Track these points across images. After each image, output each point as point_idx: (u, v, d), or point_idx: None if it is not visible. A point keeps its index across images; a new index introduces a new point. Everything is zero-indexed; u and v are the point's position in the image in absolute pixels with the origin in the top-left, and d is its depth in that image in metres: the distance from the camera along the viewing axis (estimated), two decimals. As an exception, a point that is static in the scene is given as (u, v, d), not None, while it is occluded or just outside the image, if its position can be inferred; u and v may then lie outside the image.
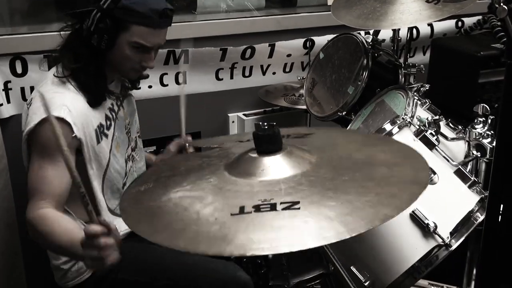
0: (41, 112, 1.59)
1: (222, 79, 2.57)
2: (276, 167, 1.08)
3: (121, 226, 1.83)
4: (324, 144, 1.24)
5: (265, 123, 1.17)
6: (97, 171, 1.72)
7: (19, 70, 2.14)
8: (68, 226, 1.55)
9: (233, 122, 2.66)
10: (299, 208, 0.96)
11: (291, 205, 0.97)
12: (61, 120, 1.58)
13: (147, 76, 1.86)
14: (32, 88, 2.17)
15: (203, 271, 1.78)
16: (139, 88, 2.05)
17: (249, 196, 1.02)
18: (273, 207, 0.97)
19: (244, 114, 2.65)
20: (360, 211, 0.94)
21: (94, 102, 1.72)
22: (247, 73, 2.62)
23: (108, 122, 1.77)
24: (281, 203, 0.98)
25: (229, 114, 2.66)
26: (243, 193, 1.03)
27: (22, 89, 2.17)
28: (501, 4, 0.95)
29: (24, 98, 2.17)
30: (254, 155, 1.14)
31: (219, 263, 1.83)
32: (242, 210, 0.97)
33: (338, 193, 0.99)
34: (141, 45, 1.69)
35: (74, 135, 1.61)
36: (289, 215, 0.95)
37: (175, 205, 1.05)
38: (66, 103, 1.63)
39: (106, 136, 1.75)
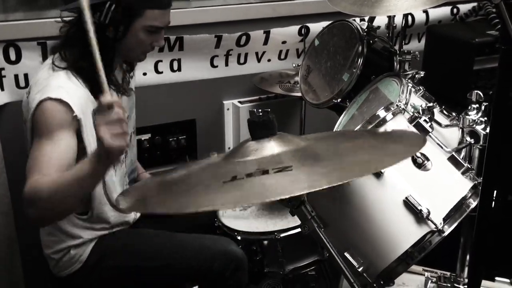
0: (38, 97, 1.59)
1: (217, 66, 2.57)
2: (270, 147, 1.12)
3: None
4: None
5: (260, 110, 1.18)
6: None
7: (12, 57, 2.13)
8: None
9: (228, 109, 2.66)
10: (291, 169, 1.01)
11: (283, 169, 1.02)
12: (59, 101, 1.58)
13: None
14: (26, 76, 2.16)
15: (192, 249, 1.79)
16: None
17: (242, 169, 1.06)
18: (265, 172, 1.02)
19: (239, 102, 2.65)
20: (352, 166, 1.02)
21: (97, 92, 1.71)
22: (242, 60, 2.61)
23: None
24: (273, 169, 1.02)
25: (224, 102, 2.66)
26: (237, 167, 1.08)
27: (16, 77, 2.16)
28: (496, -10, 0.95)
29: (18, 85, 2.16)
30: (249, 142, 1.16)
31: (208, 239, 1.84)
32: (234, 178, 1.01)
33: (331, 158, 1.07)
34: (155, 27, 1.71)
35: (74, 114, 1.59)
36: (281, 175, 1.00)
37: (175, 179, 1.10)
38: (63, 85, 1.62)
39: None
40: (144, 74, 2.41)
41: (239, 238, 1.83)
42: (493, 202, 1.19)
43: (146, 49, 1.77)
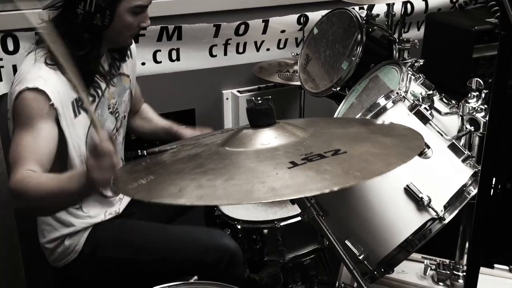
0: (17, 88, 1.59)
1: (215, 56, 2.56)
2: (280, 137, 1.12)
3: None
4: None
5: (259, 98, 1.18)
6: (75, 147, 1.69)
7: (10, 47, 2.12)
8: (57, 174, 1.50)
9: (227, 99, 2.66)
10: (345, 152, 1.02)
11: (335, 152, 1.04)
12: (36, 90, 1.57)
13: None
14: (24, 66, 2.15)
15: (185, 242, 1.79)
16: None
17: (284, 156, 1.04)
18: (321, 156, 1.01)
19: (238, 91, 2.64)
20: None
21: (86, 82, 1.71)
22: (241, 50, 2.60)
23: (91, 99, 1.75)
24: (324, 152, 1.03)
25: (223, 91, 2.65)
26: (274, 156, 1.05)
27: (14, 67, 2.15)
28: (496, -25, 0.94)
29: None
30: (249, 130, 1.15)
31: (202, 231, 1.84)
32: (295, 164, 0.99)
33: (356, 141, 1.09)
34: (140, 7, 1.70)
35: (51, 103, 1.59)
36: (342, 158, 1.01)
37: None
38: (41, 74, 1.61)
39: (86, 111, 1.72)
40: (143, 64, 2.40)
41: (239, 227, 1.84)
42: (492, 190, 1.19)
43: (134, 31, 1.76)
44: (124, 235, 1.83)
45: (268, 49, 2.66)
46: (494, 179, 1.16)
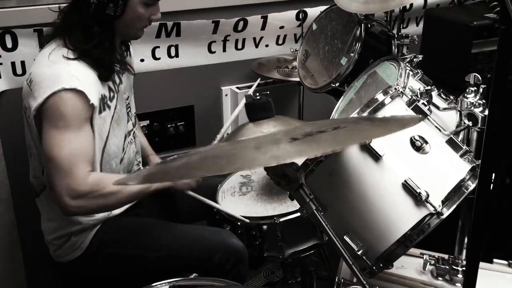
0: (50, 86, 1.59)
1: (214, 52, 2.56)
2: (279, 125, 1.14)
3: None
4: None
5: (257, 93, 1.18)
6: (98, 143, 1.72)
7: (9, 44, 2.11)
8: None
9: (226, 95, 2.66)
10: (345, 126, 1.03)
11: (335, 128, 1.04)
12: (74, 90, 1.59)
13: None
14: (23, 63, 2.15)
15: (193, 240, 1.80)
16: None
17: (284, 138, 1.04)
18: (322, 132, 1.02)
19: (237, 87, 2.64)
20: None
21: (106, 76, 1.73)
22: (239, 46, 2.60)
23: (112, 94, 1.77)
24: (325, 129, 1.03)
25: (222, 88, 2.65)
26: (274, 139, 1.05)
27: (13, 64, 2.15)
28: (494, -31, 0.94)
29: (15, 73, 2.15)
30: (249, 125, 1.16)
31: (210, 230, 1.85)
32: (295, 139, 1.00)
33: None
34: None
35: (90, 102, 1.62)
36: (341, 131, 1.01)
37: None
38: (74, 73, 1.63)
39: (109, 107, 1.74)
40: (142, 60, 2.40)
41: (238, 223, 1.84)
42: (491, 185, 1.19)
43: (145, 23, 1.78)
44: (131, 232, 1.83)
45: (267, 45, 2.66)
46: (493, 174, 1.16)
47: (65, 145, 1.59)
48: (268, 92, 1.17)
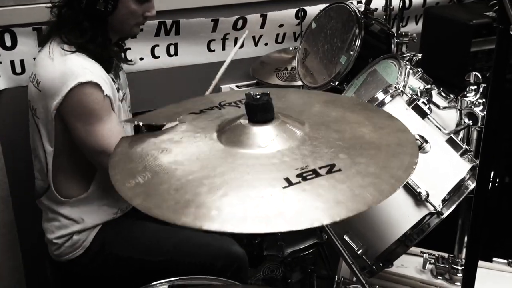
0: (65, 83, 1.60)
1: (214, 51, 2.55)
2: (277, 138, 1.09)
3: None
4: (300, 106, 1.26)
5: (257, 92, 1.16)
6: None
7: (8, 43, 2.11)
8: None
9: (225, 93, 2.65)
10: (340, 170, 0.98)
11: (330, 169, 0.99)
12: (90, 83, 1.61)
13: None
14: (22, 61, 2.14)
15: (196, 246, 1.80)
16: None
17: (280, 168, 1.01)
18: (316, 174, 0.98)
19: (236, 86, 2.64)
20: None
21: (108, 68, 1.75)
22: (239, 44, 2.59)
23: (116, 87, 1.78)
24: (319, 167, 0.99)
25: (221, 86, 2.65)
26: (270, 166, 1.02)
27: (12, 62, 2.14)
28: (493, -31, 0.94)
29: (14, 71, 2.15)
30: (246, 124, 1.13)
31: (212, 237, 1.85)
32: (289, 182, 0.96)
33: (351, 152, 1.04)
34: None
35: (105, 94, 1.64)
36: (336, 178, 0.97)
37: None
38: (86, 65, 1.64)
39: (116, 100, 1.76)
40: (141, 59, 2.39)
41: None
42: (490, 184, 1.19)
43: (139, 20, 1.78)
44: (134, 234, 1.83)
45: (266, 44, 2.65)
46: (492, 172, 1.16)
47: (109, 136, 1.63)
48: (268, 92, 1.16)
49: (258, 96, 1.15)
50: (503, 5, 0.93)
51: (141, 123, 1.24)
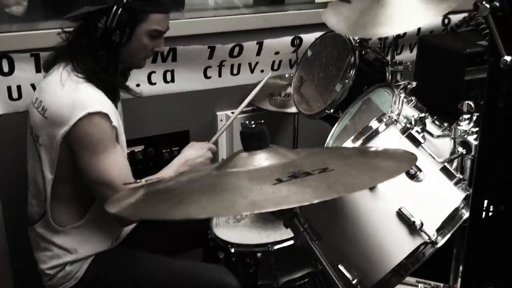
0: (74, 112, 1.60)
1: (210, 77, 2.57)
2: (271, 158, 1.12)
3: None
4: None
5: (252, 122, 1.19)
6: None
7: (5, 68, 2.12)
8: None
9: (221, 120, 2.66)
10: (333, 170, 1.01)
11: (322, 170, 1.02)
12: (99, 114, 1.62)
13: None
14: (19, 87, 2.15)
15: (189, 277, 1.79)
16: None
17: (272, 174, 1.03)
18: (308, 174, 1.01)
19: (232, 112, 2.64)
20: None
21: (115, 98, 1.77)
22: (235, 71, 2.61)
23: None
24: (312, 170, 1.02)
25: (217, 113, 2.66)
26: (261, 175, 1.05)
27: (9, 88, 2.15)
28: (483, 2, 0.96)
29: (10, 97, 2.15)
30: (243, 153, 1.16)
31: (206, 268, 1.84)
32: (280, 180, 0.99)
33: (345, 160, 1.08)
34: (158, 31, 1.75)
35: (113, 124, 1.65)
36: (329, 174, 1.00)
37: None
38: (93, 96, 1.65)
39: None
40: (137, 85, 2.40)
41: (232, 250, 1.83)
42: (484, 213, 1.19)
43: (148, 54, 1.81)
44: (128, 266, 1.81)
45: (262, 71, 2.67)
46: (486, 201, 1.16)
47: (112, 167, 1.64)
48: (263, 121, 1.18)
49: (253, 125, 1.17)
50: (493, 38, 0.94)
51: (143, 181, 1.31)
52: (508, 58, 0.97)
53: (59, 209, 1.75)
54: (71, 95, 1.63)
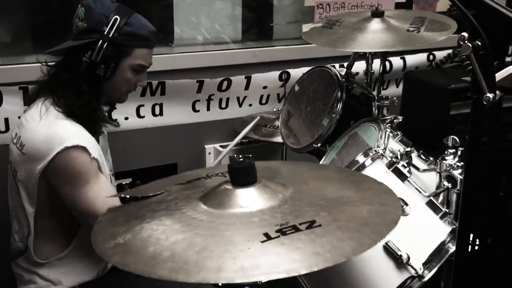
0: (52, 147, 1.59)
1: (198, 111, 2.59)
2: (259, 199, 1.10)
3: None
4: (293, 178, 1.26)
5: (240, 156, 1.19)
6: None
7: (-6, 101, 2.12)
8: None
9: (209, 153, 2.67)
10: (320, 225, 0.99)
11: (310, 224, 1.00)
12: (76, 147, 1.60)
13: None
14: (6, 120, 2.15)
15: None
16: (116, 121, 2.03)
17: (260, 225, 1.02)
18: (296, 229, 0.99)
19: (220, 146, 2.65)
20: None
21: (95, 131, 1.76)
22: (223, 105, 2.64)
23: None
24: (299, 224, 1.00)
25: (205, 146, 2.67)
26: (250, 224, 1.03)
27: (-4, 120, 2.15)
28: (466, 42, 0.99)
29: (-2, 130, 2.15)
30: (230, 187, 1.15)
31: None
32: (268, 237, 0.97)
33: (332, 211, 1.05)
34: (142, 66, 1.76)
35: (92, 156, 1.63)
36: (316, 233, 0.98)
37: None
38: (70, 130, 1.64)
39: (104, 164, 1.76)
40: (126, 118, 2.41)
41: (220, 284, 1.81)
42: (470, 246, 1.20)
43: (130, 88, 1.81)
44: None
45: (250, 105, 2.70)
46: (472, 235, 1.17)
47: (96, 199, 1.61)
48: (251, 155, 1.18)
49: (241, 160, 1.17)
50: (476, 76, 0.97)
51: (127, 196, 1.27)
52: (490, 95, 0.99)
53: (42, 243, 1.73)
54: (48, 130, 1.62)
